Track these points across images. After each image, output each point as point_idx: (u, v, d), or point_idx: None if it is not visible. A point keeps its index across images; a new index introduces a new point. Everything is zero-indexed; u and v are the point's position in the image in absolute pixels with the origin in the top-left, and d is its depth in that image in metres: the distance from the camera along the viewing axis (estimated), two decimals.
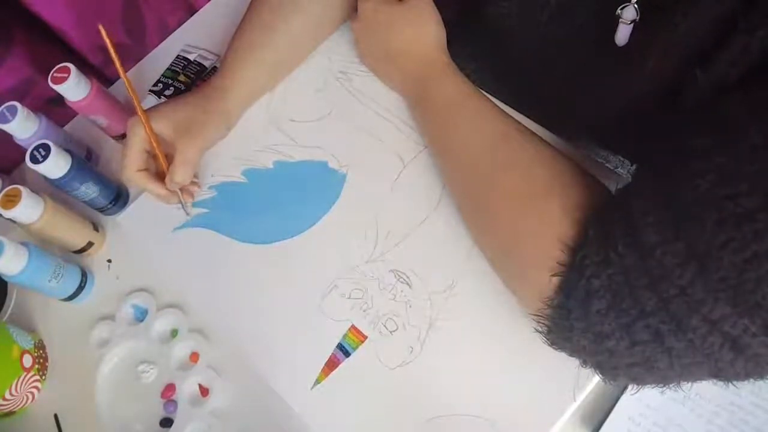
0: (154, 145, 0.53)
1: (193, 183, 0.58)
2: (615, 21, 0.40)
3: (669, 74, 0.40)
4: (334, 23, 0.63)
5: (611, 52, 0.42)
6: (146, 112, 0.52)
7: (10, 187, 0.52)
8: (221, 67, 0.57)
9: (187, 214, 0.58)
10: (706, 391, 0.46)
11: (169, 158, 0.54)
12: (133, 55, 0.70)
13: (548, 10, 0.46)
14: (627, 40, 0.41)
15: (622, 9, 0.39)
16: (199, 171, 0.60)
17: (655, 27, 0.38)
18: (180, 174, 0.53)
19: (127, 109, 0.64)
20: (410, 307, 0.51)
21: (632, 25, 0.39)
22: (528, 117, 0.54)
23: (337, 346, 0.51)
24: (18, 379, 0.52)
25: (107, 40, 0.48)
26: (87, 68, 0.61)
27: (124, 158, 0.53)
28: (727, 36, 0.33)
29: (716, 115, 0.33)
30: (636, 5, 0.38)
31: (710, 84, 0.36)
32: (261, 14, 0.58)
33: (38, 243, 0.55)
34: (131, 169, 0.53)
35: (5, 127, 0.55)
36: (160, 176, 0.55)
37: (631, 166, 0.57)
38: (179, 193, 0.56)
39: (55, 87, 0.55)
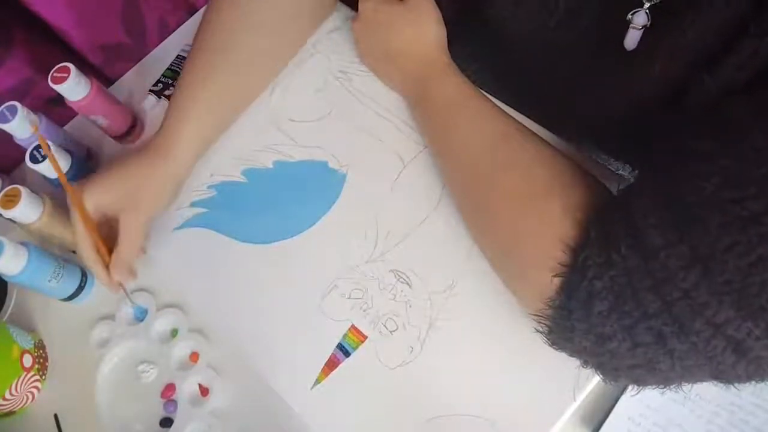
0: (95, 238, 0.49)
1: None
2: (624, 25, 0.40)
3: (675, 78, 0.40)
4: (280, 60, 0.61)
5: (615, 54, 0.42)
6: (83, 184, 0.49)
7: (10, 187, 0.52)
8: (163, 124, 0.54)
9: (132, 303, 0.55)
10: (707, 392, 0.46)
11: (114, 232, 0.50)
12: (133, 55, 0.70)
13: (557, 15, 0.46)
14: (636, 45, 0.40)
15: (633, 14, 0.39)
16: (199, 172, 0.60)
17: (662, 31, 0.38)
18: (125, 252, 0.50)
19: (127, 109, 0.64)
20: (410, 307, 0.51)
21: (642, 30, 0.39)
22: (529, 118, 0.54)
23: (337, 346, 0.51)
24: (18, 379, 0.52)
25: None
26: (87, 68, 0.61)
27: (76, 236, 0.49)
28: (736, 40, 0.33)
29: (721, 118, 0.33)
30: (647, 11, 0.38)
31: (717, 88, 0.35)
32: (203, 55, 0.54)
33: (38, 243, 0.54)
34: (85, 248, 0.50)
35: (5, 127, 0.55)
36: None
37: (633, 170, 0.57)
38: (123, 286, 0.52)
39: (55, 87, 0.55)
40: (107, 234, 0.51)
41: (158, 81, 0.67)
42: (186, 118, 0.53)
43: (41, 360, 0.55)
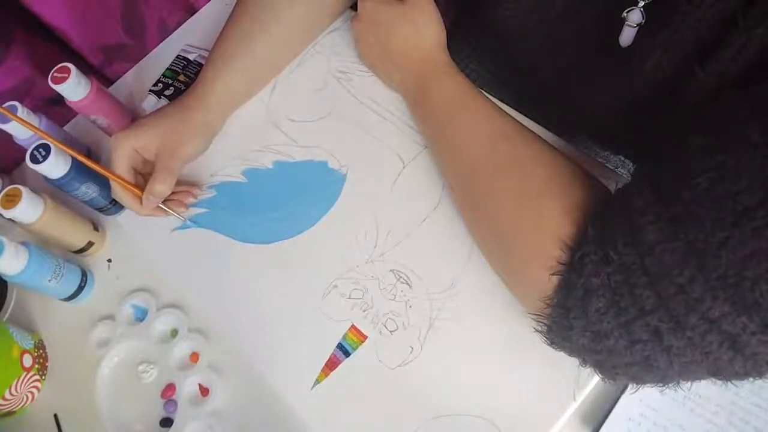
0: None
1: (186, 193, 0.58)
2: (619, 23, 0.40)
3: (669, 73, 0.40)
4: (314, 31, 0.63)
5: (612, 51, 0.42)
6: (129, 127, 0.53)
7: (10, 187, 0.52)
8: (201, 77, 0.57)
9: (182, 219, 0.58)
10: (706, 391, 0.46)
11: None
12: (133, 55, 0.70)
13: (554, 12, 0.46)
14: (631, 42, 0.41)
15: (628, 12, 0.39)
16: (199, 171, 0.60)
17: (656, 27, 0.38)
18: (159, 182, 0.53)
19: (127, 109, 0.64)
20: (410, 307, 0.51)
21: (637, 27, 0.39)
22: (528, 117, 0.54)
23: (337, 346, 0.51)
24: (18, 379, 0.52)
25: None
26: (87, 68, 0.61)
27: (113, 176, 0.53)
28: (727, 34, 0.33)
29: (715, 113, 0.34)
30: (642, 9, 0.38)
31: (710, 82, 0.36)
32: (241, 23, 0.58)
33: (38, 243, 0.54)
34: (119, 186, 0.54)
35: (5, 127, 0.55)
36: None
37: (632, 165, 0.57)
38: (163, 206, 0.56)
39: (55, 87, 0.55)
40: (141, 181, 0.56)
41: (158, 81, 0.67)
42: (221, 78, 0.57)
43: (41, 360, 0.55)
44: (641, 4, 0.38)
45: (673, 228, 0.31)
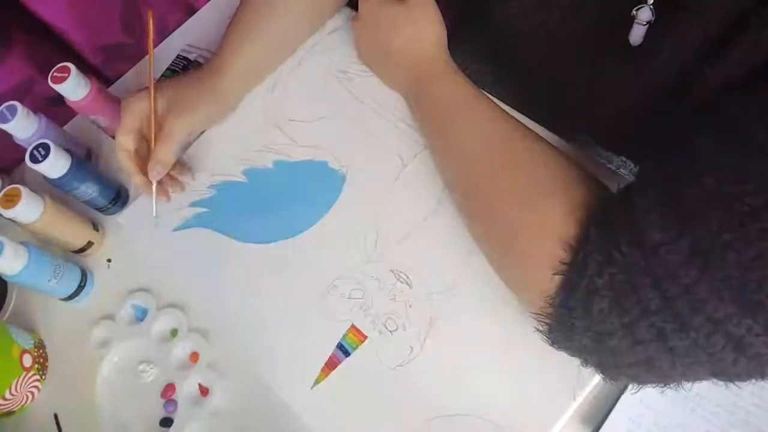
0: (151, 119, 0.54)
1: (175, 181, 0.58)
2: (627, 21, 0.40)
3: (677, 72, 0.40)
4: (334, 5, 0.63)
5: (617, 51, 0.42)
6: (139, 90, 0.54)
7: (10, 186, 0.52)
8: (218, 47, 0.57)
9: (155, 216, 0.57)
10: (707, 392, 0.46)
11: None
12: (133, 55, 0.70)
13: (558, 11, 0.46)
14: (641, 41, 0.40)
15: (637, 10, 0.39)
16: (198, 170, 0.60)
17: (666, 26, 0.38)
18: (161, 151, 0.53)
19: None
20: (410, 307, 0.51)
21: (647, 25, 0.39)
22: (529, 117, 0.54)
23: (337, 346, 0.51)
24: (18, 379, 0.52)
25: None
26: (87, 68, 0.61)
27: (117, 136, 0.53)
28: (737, 34, 0.33)
29: (722, 114, 0.33)
30: (652, 6, 0.38)
31: (718, 81, 0.36)
32: (255, 2, 0.58)
33: (38, 243, 0.54)
34: (121, 148, 0.53)
35: (5, 127, 0.55)
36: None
37: (634, 167, 0.57)
38: (155, 186, 0.55)
39: (55, 87, 0.55)
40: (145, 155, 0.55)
41: (158, 81, 0.67)
42: (235, 51, 0.57)
43: (41, 360, 0.55)
44: (650, 1, 0.38)
45: (678, 228, 0.31)
